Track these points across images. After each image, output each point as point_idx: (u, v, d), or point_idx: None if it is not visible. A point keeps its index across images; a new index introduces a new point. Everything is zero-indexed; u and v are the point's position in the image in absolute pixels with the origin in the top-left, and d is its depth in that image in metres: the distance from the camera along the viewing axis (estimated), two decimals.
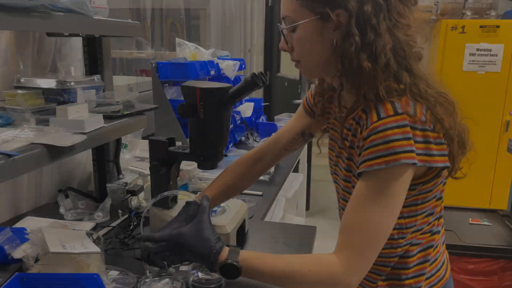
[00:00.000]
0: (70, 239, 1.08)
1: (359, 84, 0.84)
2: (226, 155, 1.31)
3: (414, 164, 0.78)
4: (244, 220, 1.36)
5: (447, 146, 0.82)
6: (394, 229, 0.86)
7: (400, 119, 0.78)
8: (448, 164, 0.82)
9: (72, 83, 1.29)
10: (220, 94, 1.18)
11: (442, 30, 3.65)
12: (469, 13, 3.92)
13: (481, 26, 3.61)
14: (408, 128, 0.78)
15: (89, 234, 1.15)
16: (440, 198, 0.93)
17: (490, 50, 3.63)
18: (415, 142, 0.78)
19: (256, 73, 1.15)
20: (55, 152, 1.02)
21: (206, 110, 1.19)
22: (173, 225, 1.02)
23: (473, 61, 3.66)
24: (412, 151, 0.77)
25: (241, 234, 1.34)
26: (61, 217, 1.48)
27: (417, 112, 0.80)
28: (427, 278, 0.95)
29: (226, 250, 0.91)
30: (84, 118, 1.14)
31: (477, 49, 3.64)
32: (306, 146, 2.89)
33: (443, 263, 1.01)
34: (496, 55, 3.62)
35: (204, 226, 0.94)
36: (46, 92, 1.28)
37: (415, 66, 0.85)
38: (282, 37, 0.93)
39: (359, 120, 0.86)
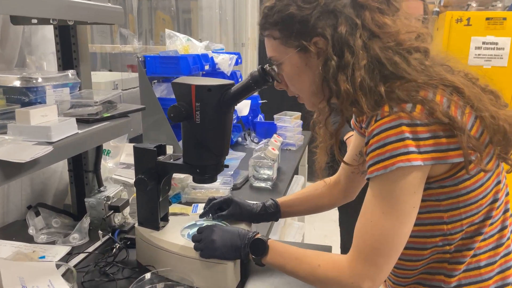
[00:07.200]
0: (33, 276, 0.87)
1: (342, 106, 0.82)
2: (227, 166, 1.09)
3: (413, 165, 0.74)
4: None
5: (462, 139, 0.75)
6: (436, 236, 0.84)
7: (395, 118, 0.75)
8: (470, 158, 0.75)
9: (40, 80, 1.07)
10: (220, 93, 0.97)
11: (447, 22, 3.48)
12: (474, 5, 3.75)
13: (487, 18, 3.46)
14: (403, 127, 0.74)
15: (58, 266, 0.93)
16: (496, 200, 0.84)
17: (496, 44, 3.48)
18: (420, 139, 0.74)
19: (265, 67, 0.95)
20: (11, 170, 0.79)
21: (203, 112, 0.98)
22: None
23: (479, 55, 3.51)
24: (407, 153, 0.74)
25: None
26: (30, 238, 1.25)
27: (416, 108, 0.75)
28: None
29: (258, 234, 1.00)
30: (50, 124, 0.92)
31: (483, 42, 3.49)
32: (306, 148, 2.68)
33: None
34: (503, 48, 3.48)
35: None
36: (8, 91, 1.06)
37: (401, 68, 0.80)
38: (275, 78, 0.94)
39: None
